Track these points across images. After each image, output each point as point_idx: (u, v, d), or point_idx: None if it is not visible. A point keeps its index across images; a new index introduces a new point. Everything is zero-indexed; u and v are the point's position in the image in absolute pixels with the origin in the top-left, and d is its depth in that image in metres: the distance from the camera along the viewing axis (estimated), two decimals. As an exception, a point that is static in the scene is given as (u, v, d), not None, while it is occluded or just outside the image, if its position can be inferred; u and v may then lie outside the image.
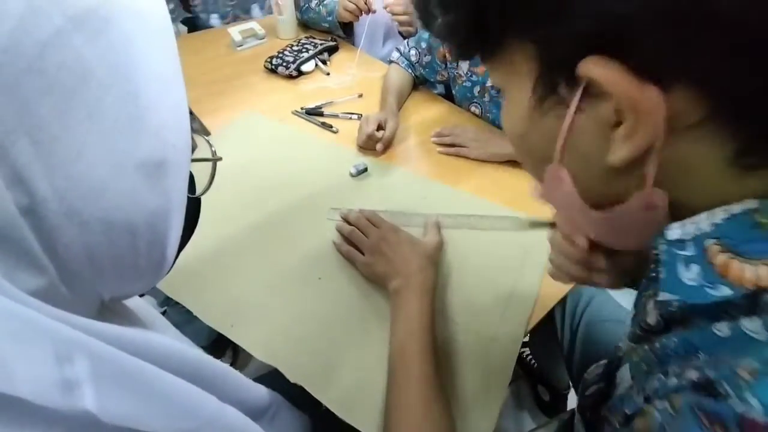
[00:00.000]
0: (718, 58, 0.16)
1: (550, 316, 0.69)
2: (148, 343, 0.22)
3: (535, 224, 0.51)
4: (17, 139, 0.16)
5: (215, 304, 0.52)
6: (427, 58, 0.91)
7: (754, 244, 0.18)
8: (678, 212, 0.21)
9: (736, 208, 0.19)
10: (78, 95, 0.18)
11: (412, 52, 0.93)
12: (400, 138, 0.82)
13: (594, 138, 0.20)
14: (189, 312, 0.51)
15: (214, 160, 0.33)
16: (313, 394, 0.44)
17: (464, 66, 0.84)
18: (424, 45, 0.91)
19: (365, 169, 0.72)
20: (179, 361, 0.24)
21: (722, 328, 0.20)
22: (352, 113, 0.87)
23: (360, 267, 0.55)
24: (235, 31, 1.13)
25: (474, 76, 0.83)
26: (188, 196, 0.26)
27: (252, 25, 1.18)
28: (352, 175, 0.72)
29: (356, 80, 1.01)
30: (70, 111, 0.18)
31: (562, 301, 0.70)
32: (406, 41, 0.96)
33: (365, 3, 1.02)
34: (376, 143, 0.75)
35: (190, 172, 0.29)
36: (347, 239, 0.59)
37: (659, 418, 0.22)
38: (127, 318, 0.29)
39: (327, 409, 0.43)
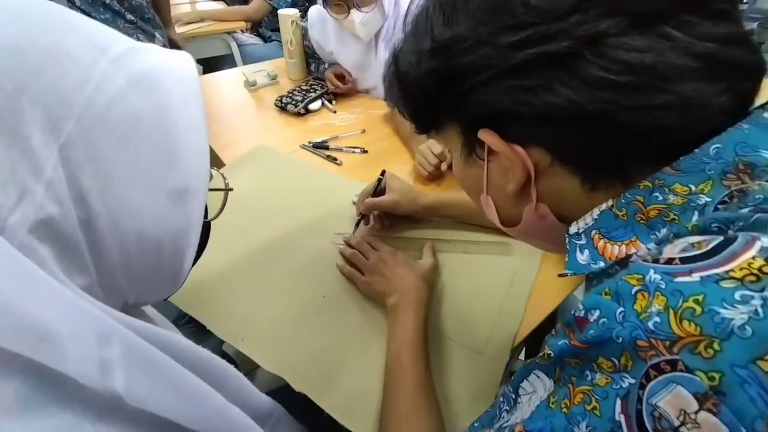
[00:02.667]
0: (551, 133, 0.27)
1: (540, 338, 0.73)
2: (169, 338, 0.27)
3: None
4: (85, 169, 0.22)
5: (227, 319, 0.57)
6: None
7: (617, 231, 0.27)
8: (569, 223, 0.31)
9: (603, 206, 0.28)
10: (130, 137, 0.24)
11: None
12: (400, 170, 0.89)
13: (500, 176, 0.31)
14: (198, 333, 0.55)
15: (226, 190, 0.40)
16: (316, 401, 0.48)
17: None
18: None
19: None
20: (193, 358, 0.28)
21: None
22: (355, 147, 0.95)
23: (360, 286, 0.60)
24: (249, 72, 1.24)
25: None
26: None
27: (264, 66, 1.29)
28: (354, 203, 0.78)
29: (360, 118, 1.09)
30: (123, 149, 0.24)
31: (554, 326, 0.74)
32: None
33: (343, 83, 1.16)
34: (440, 166, 0.82)
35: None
36: (349, 261, 0.64)
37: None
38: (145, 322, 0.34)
39: (328, 418, 0.47)
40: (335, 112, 1.12)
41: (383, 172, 0.72)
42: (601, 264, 0.27)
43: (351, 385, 0.50)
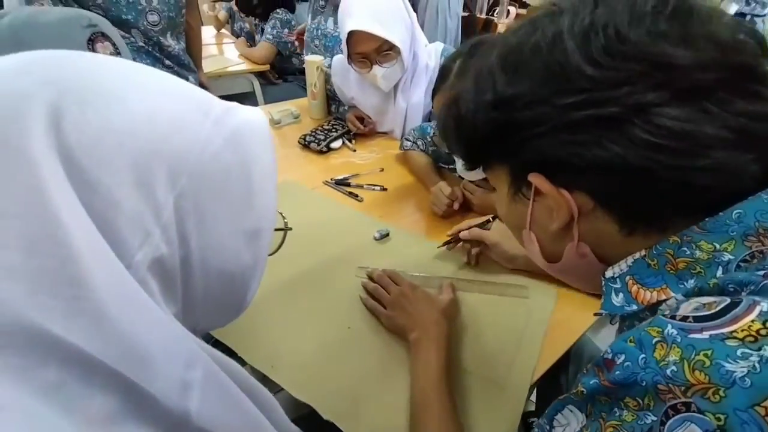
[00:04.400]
0: (596, 182, 0.30)
1: (555, 381, 0.75)
2: (231, 365, 0.29)
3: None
4: (190, 216, 0.26)
5: (257, 347, 0.60)
6: (432, 147, 1.05)
7: (649, 278, 0.30)
8: (607, 263, 0.34)
9: (636, 255, 0.31)
10: (223, 188, 0.28)
11: (419, 141, 1.08)
12: (418, 207, 0.94)
13: (544, 215, 0.35)
14: None
15: (286, 229, 0.46)
16: (343, 430, 0.50)
17: None
18: (429, 138, 1.05)
19: (387, 234, 0.83)
20: (248, 385, 0.30)
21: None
22: (375, 185, 1.01)
23: (383, 320, 0.63)
24: (275, 111, 1.33)
25: None
26: None
27: (289, 106, 1.38)
28: (375, 239, 0.82)
29: (378, 157, 1.16)
30: (217, 197, 0.27)
31: (566, 365, 0.75)
32: (411, 130, 1.11)
33: (363, 125, 1.24)
34: (452, 205, 0.87)
35: None
36: (371, 294, 0.67)
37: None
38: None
39: None
40: (355, 150, 1.19)
41: (494, 217, 0.76)
42: (634, 307, 0.31)
43: (376, 414, 0.52)
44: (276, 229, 0.39)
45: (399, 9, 1.06)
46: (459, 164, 0.83)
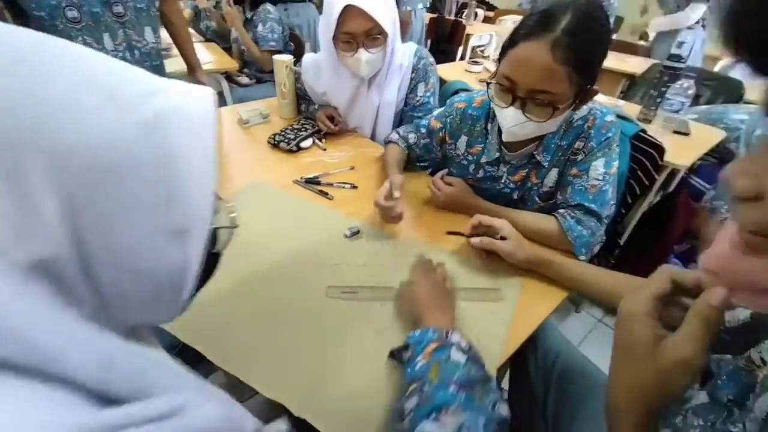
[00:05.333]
0: None
1: (524, 366, 0.78)
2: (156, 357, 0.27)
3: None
4: (84, 216, 0.23)
5: (229, 352, 0.59)
6: (425, 141, 1.04)
7: None
8: None
9: None
10: (129, 180, 0.24)
11: (411, 135, 1.06)
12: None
13: None
14: (193, 361, 0.57)
15: (232, 227, 0.41)
16: (315, 425, 0.50)
17: (462, 147, 0.98)
18: (423, 130, 1.04)
19: (358, 232, 0.84)
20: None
21: None
22: (345, 183, 1.01)
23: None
24: (243, 110, 1.31)
25: (470, 155, 0.96)
26: (209, 251, 0.31)
27: (258, 105, 1.37)
28: (346, 237, 0.83)
29: (349, 155, 1.17)
30: (124, 193, 0.24)
31: (535, 350, 0.78)
32: (403, 126, 1.11)
33: (333, 124, 1.23)
34: (395, 210, 0.80)
35: (213, 231, 0.34)
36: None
37: None
38: (149, 342, 0.34)
39: None
40: (325, 149, 1.19)
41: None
42: None
43: (347, 407, 0.53)
44: (217, 228, 0.35)
45: (390, 0, 1.07)
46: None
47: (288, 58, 1.29)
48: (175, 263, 0.28)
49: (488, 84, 0.78)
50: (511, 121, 0.75)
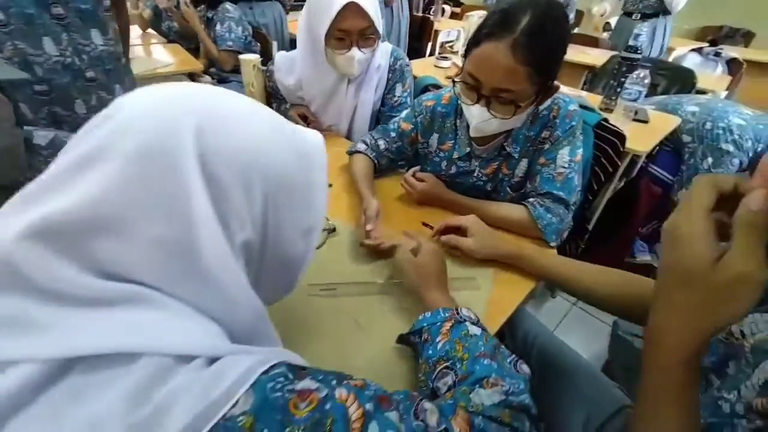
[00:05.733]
0: None
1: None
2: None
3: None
4: (270, 213, 0.35)
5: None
6: (397, 144, 1.03)
7: None
8: None
9: None
10: (292, 192, 0.36)
11: (380, 142, 1.03)
12: (358, 203, 0.95)
13: None
14: None
15: (330, 230, 0.60)
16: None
17: (434, 144, 0.99)
18: (393, 134, 1.02)
19: (334, 229, 0.84)
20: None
21: None
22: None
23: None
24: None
25: (441, 152, 0.98)
26: None
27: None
28: (323, 234, 0.83)
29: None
30: (289, 199, 0.36)
31: (513, 336, 0.81)
32: (369, 134, 1.06)
33: (306, 123, 1.22)
34: (384, 246, 0.76)
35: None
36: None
37: None
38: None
39: None
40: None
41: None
42: None
43: None
44: (324, 229, 0.46)
45: (379, 3, 1.07)
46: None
47: (255, 57, 1.27)
48: (301, 253, 0.39)
49: (454, 82, 0.80)
50: (478, 117, 0.77)
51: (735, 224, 0.31)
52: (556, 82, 0.76)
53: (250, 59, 1.25)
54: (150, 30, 2.56)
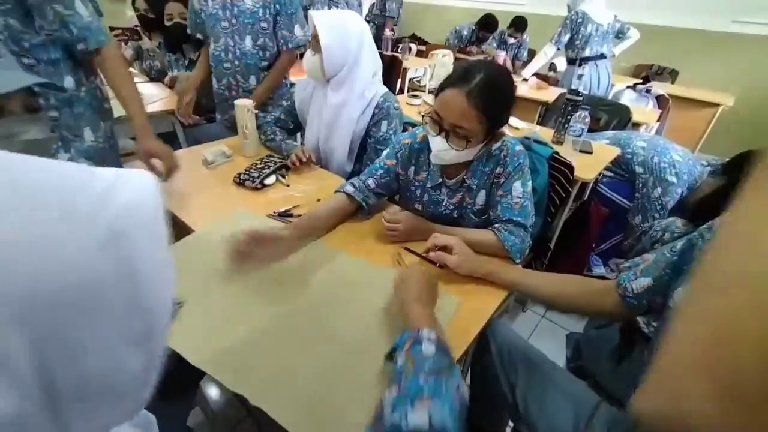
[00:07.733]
0: None
1: (483, 362, 0.92)
2: None
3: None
4: (49, 345, 0.21)
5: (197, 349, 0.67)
6: (385, 179, 1.13)
7: None
8: None
9: None
10: (94, 304, 0.22)
11: (369, 181, 1.12)
12: (362, 234, 1.08)
13: None
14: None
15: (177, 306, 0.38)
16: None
17: (411, 175, 1.13)
18: (381, 171, 1.13)
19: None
20: None
21: None
22: (314, 214, 1.13)
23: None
24: (208, 151, 1.38)
25: (417, 182, 1.13)
26: None
27: (219, 146, 1.45)
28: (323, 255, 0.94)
29: (314, 189, 1.28)
30: (91, 317, 0.22)
31: (488, 348, 0.93)
32: (357, 177, 1.14)
33: (307, 160, 1.36)
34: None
35: None
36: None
37: None
38: None
39: None
40: (288, 185, 1.29)
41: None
42: None
43: (302, 402, 0.63)
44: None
45: (352, 34, 1.26)
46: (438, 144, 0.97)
47: (247, 102, 1.39)
48: (137, 368, 0.26)
49: (423, 116, 1.00)
50: (438, 146, 0.97)
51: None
52: (502, 130, 0.97)
53: (243, 104, 1.37)
54: (132, 69, 2.64)
